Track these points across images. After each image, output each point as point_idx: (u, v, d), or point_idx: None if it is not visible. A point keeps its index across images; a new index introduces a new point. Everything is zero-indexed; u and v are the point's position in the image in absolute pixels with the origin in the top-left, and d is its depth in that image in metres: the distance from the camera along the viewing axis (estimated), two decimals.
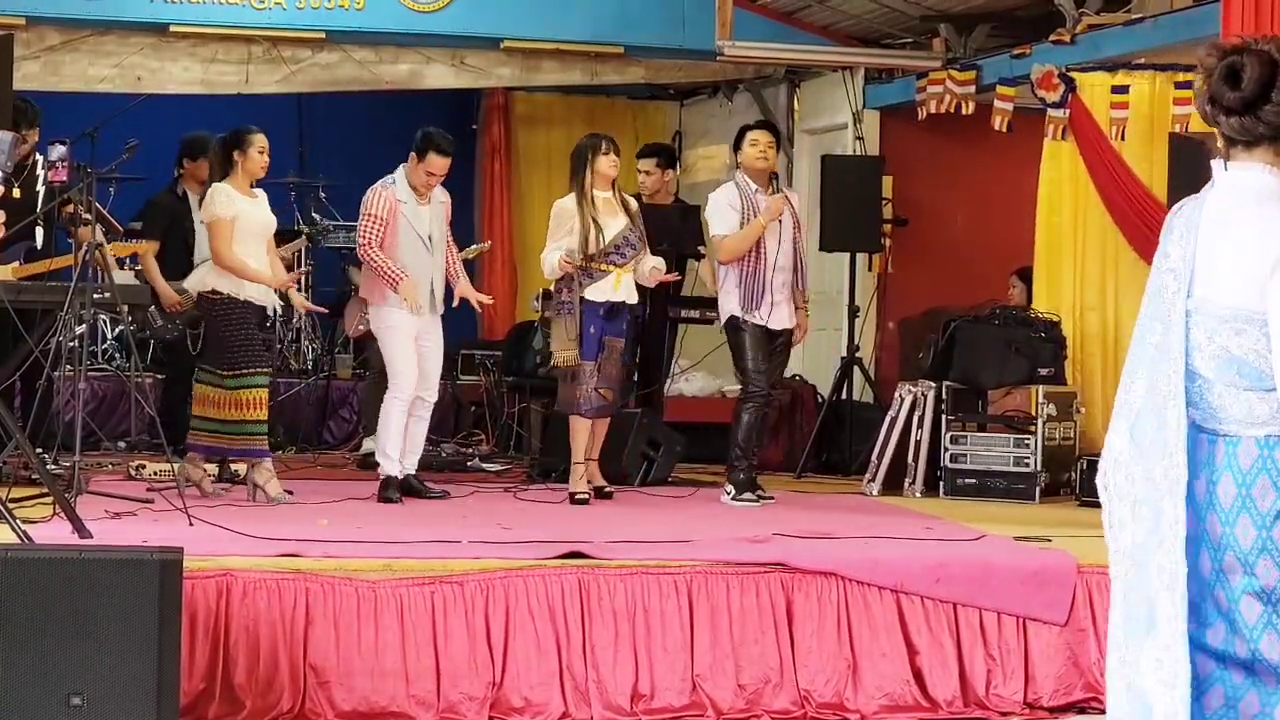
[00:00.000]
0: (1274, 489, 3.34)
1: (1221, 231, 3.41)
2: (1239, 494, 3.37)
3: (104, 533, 6.61)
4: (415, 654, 6.05)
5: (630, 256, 8.74)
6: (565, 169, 9.16)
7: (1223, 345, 3.37)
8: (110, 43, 11.06)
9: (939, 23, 11.68)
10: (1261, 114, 3.36)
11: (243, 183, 8.41)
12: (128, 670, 5.27)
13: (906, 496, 9.57)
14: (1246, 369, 3.34)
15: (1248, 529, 3.36)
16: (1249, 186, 3.41)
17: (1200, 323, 3.40)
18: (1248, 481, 3.37)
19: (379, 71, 11.56)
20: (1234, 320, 3.35)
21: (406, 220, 8.55)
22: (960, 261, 11.81)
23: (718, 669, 6.30)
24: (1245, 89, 3.37)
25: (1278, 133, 3.39)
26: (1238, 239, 3.37)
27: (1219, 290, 3.38)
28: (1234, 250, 3.37)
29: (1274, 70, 3.35)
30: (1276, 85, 3.36)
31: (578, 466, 8.77)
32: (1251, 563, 3.36)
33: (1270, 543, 3.34)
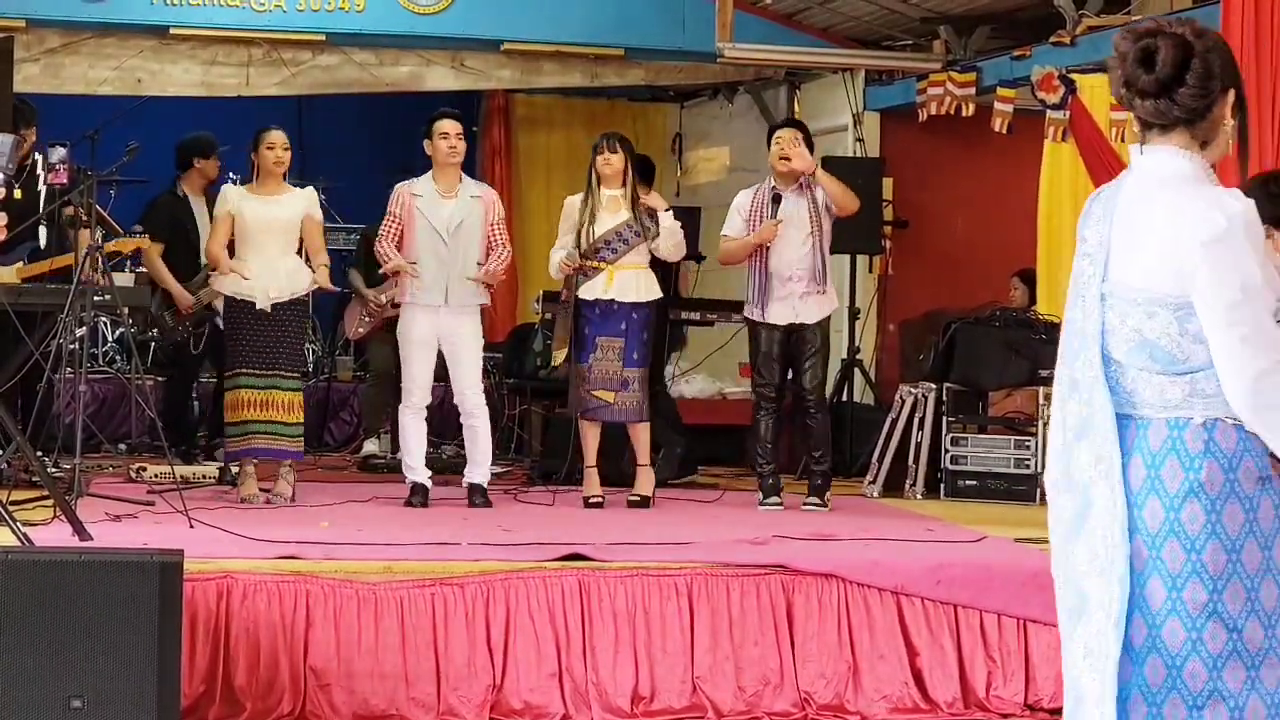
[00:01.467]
0: (1183, 470, 3.31)
1: (1136, 215, 3.39)
2: (1148, 475, 3.34)
3: (104, 535, 6.61)
4: (415, 656, 6.05)
5: (622, 253, 8.65)
6: (565, 171, 9.20)
7: (1135, 328, 3.35)
8: (110, 45, 11.05)
9: (939, 24, 11.68)
10: (1176, 97, 3.34)
11: (262, 181, 8.49)
12: (128, 673, 5.27)
13: (907, 498, 9.57)
14: (1158, 352, 3.33)
15: (1156, 511, 3.33)
16: (1164, 171, 3.39)
17: (1114, 306, 3.39)
18: (1156, 463, 3.34)
19: (379, 74, 11.56)
20: (1146, 304, 3.33)
21: (422, 215, 8.51)
22: (960, 263, 11.81)
23: (718, 671, 6.30)
24: (1159, 71, 3.35)
25: (1193, 115, 3.36)
26: (1151, 223, 3.35)
27: (1132, 274, 3.37)
28: (1147, 234, 3.36)
29: (1188, 53, 3.33)
30: (1190, 68, 3.33)
31: (589, 470, 8.73)
32: (1159, 546, 3.32)
33: (1178, 525, 3.30)
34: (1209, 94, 3.36)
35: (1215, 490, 3.29)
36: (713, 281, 11.48)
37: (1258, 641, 3.29)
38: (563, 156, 14.48)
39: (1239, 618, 3.28)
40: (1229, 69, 3.39)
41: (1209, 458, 3.30)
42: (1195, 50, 3.34)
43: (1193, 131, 3.39)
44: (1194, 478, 3.30)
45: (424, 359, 8.53)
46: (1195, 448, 3.31)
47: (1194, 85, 3.35)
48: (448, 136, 8.53)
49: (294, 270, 8.47)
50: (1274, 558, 3.31)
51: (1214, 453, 3.30)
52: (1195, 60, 3.34)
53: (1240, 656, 3.29)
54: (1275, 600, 3.30)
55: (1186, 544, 3.30)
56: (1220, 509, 3.29)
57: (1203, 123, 3.39)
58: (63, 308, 7.73)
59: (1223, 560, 3.28)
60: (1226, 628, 3.28)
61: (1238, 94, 3.41)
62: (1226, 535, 3.29)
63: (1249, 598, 3.29)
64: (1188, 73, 3.35)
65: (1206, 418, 3.31)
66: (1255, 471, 3.30)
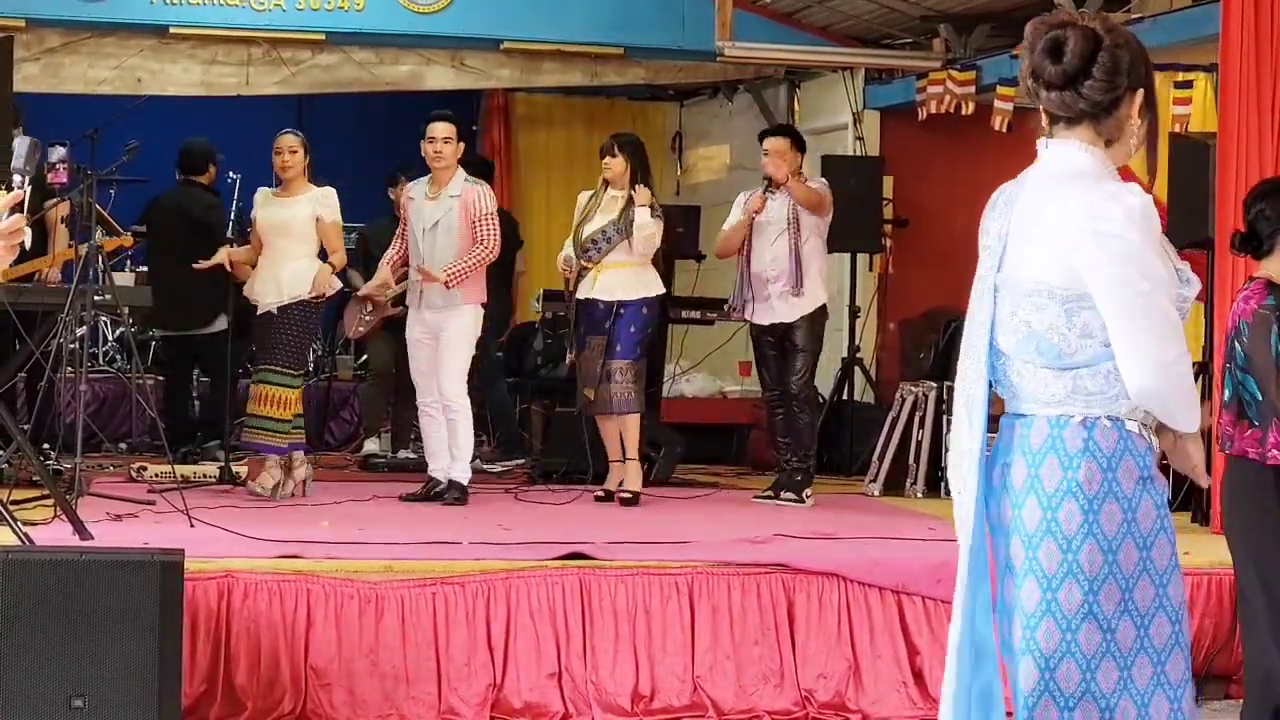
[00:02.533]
0: (1061, 470, 3.28)
1: (1032, 208, 3.36)
2: (1029, 474, 3.33)
3: (105, 534, 6.61)
4: (416, 655, 6.05)
5: (605, 252, 8.70)
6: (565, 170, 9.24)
7: (1024, 320, 3.33)
8: (110, 44, 11.05)
9: (939, 23, 11.68)
10: (1082, 89, 3.31)
11: (280, 184, 8.72)
12: (129, 672, 5.28)
13: (908, 497, 9.58)
14: (1045, 345, 3.31)
15: (1034, 511, 3.31)
16: (1065, 165, 3.36)
17: (1005, 298, 3.37)
18: (1036, 462, 3.31)
19: (379, 73, 11.55)
20: (1036, 295, 3.31)
21: (413, 215, 8.67)
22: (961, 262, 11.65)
23: (718, 670, 6.30)
24: (1066, 63, 3.31)
25: (1097, 110, 3.33)
26: (1045, 216, 3.33)
27: (1024, 266, 3.34)
28: (1040, 226, 3.33)
29: (1096, 46, 3.30)
30: (1097, 61, 3.30)
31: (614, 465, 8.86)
32: (1036, 546, 3.30)
33: (1055, 525, 3.28)
34: (1115, 89, 3.32)
35: (1093, 489, 3.27)
36: (713, 281, 11.47)
37: (1130, 641, 3.27)
38: (563, 155, 14.49)
39: (1113, 618, 3.26)
40: (1138, 68, 3.35)
41: (1087, 456, 3.28)
42: (1104, 44, 3.31)
43: (1097, 127, 3.35)
44: (1072, 477, 3.28)
45: (420, 358, 8.59)
46: (1074, 446, 3.29)
47: (1099, 79, 3.31)
48: (434, 140, 8.57)
49: (295, 275, 8.47)
50: (1152, 558, 3.29)
51: (1093, 451, 3.28)
52: (1103, 54, 3.31)
53: (1113, 657, 3.27)
54: (1150, 600, 3.28)
55: (1063, 544, 3.28)
56: (1098, 509, 3.27)
57: (1108, 119, 3.35)
58: (63, 307, 7.73)
59: (1099, 561, 3.26)
60: (1101, 628, 3.27)
61: (1147, 95, 3.37)
62: (1103, 535, 3.26)
63: (1123, 597, 3.27)
64: (1094, 66, 3.31)
65: (1087, 416, 3.29)
66: (1136, 471, 3.28)
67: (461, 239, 8.51)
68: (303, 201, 8.54)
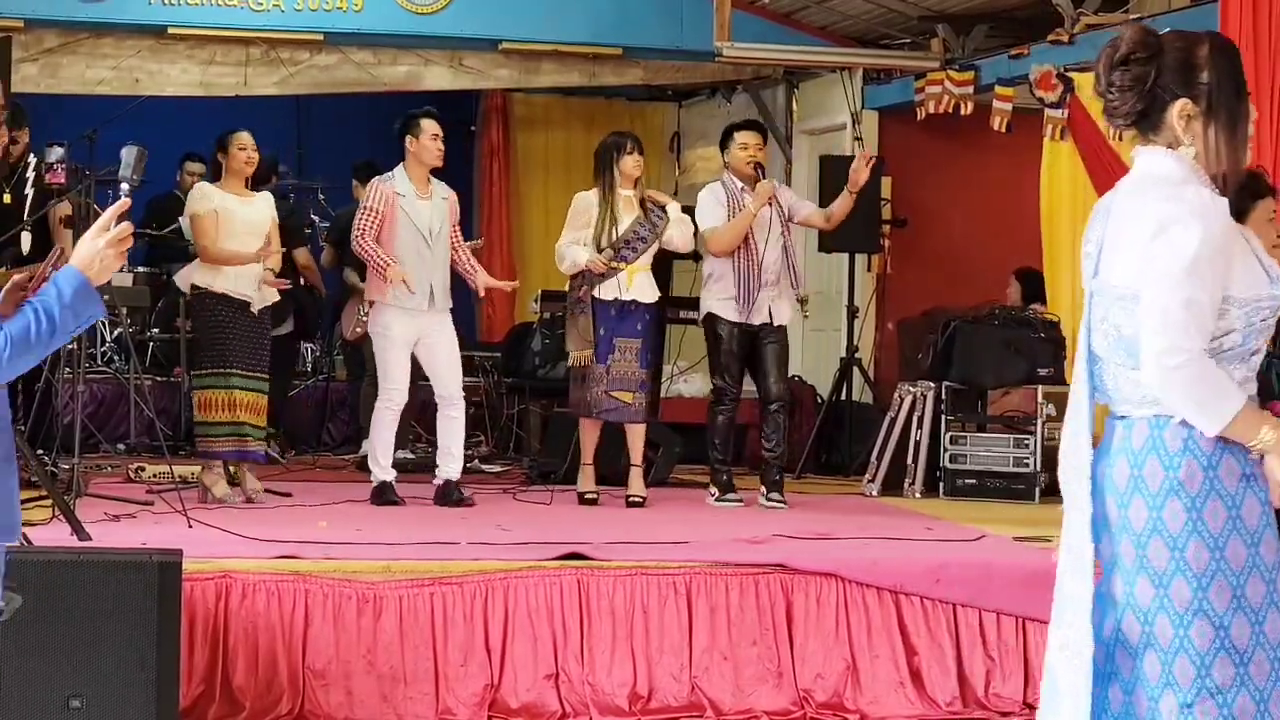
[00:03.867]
0: (1163, 469, 3.32)
1: (1121, 214, 3.44)
2: (1131, 475, 3.37)
3: (103, 535, 6.61)
4: (413, 655, 6.05)
5: (640, 251, 8.69)
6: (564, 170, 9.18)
7: (1114, 324, 3.40)
8: (108, 45, 11.05)
9: (937, 23, 11.68)
10: (1111, 106, 3.43)
11: (232, 182, 8.38)
12: (127, 672, 5.28)
13: (906, 497, 9.57)
14: (1134, 348, 3.36)
15: (1140, 510, 3.35)
16: (1149, 171, 3.44)
17: (1099, 303, 3.45)
18: (1139, 462, 3.36)
19: (377, 73, 11.56)
20: (1122, 299, 3.38)
21: (405, 214, 8.42)
22: (959, 262, 11.81)
23: (716, 670, 6.30)
24: (1099, 85, 3.43)
25: (1133, 120, 3.43)
26: (1128, 220, 3.40)
27: (1113, 271, 3.42)
28: (1124, 231, 3.40)
29: (1117, 62, 3.40)
30: (1114, 79, 3.40)
31: (586, 467, 8.76)
32: (1144, 545, 3.34)
33: (1160, 523, 3.32)
34: (1138, 102, 3.40)
35: (1195, 488, 3.30)
36: None
37: (1245, 638, 3.29)
38: (561, 156, 14.49)
39: (1225, 614, 3.29)
40: (1188, 76, 3.40)
41: (1188, 456, 3.31)
42: (1130, 58, 3.38)
43: (1171, 134, 3.42)
44: (1173, 476, 3.32)
45: (406, 360, 8.46)
46: (1174, 446, 3.33)
47: (1116, 96, 3.41)
48: (438, 138, 8.51)
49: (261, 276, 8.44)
50: (1260, 554, 3.31)
51: (1193, 451, 3.31)
52: (1119, 71, 3.39)
53: (1228, 653, 3.29)
54: (1262, 596, 3.31)
55: (1169, 542, 3.32)
56: (1201, 506, 3.30)
57: (1162, 128, 3.42)
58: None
59: (1205, 557, 3.29)
60: (1213, 624, 3.29)
61: (1213, 100, 3.40)
62: (1208, 533, 3.30)
63: (1235, 595, 3.29)
64: (1113, 84, 3.40)
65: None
66: (1237, 469, 3.31)
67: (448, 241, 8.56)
68: (264, 202, 8.50)
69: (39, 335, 3.40)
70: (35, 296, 3.45)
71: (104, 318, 3.15)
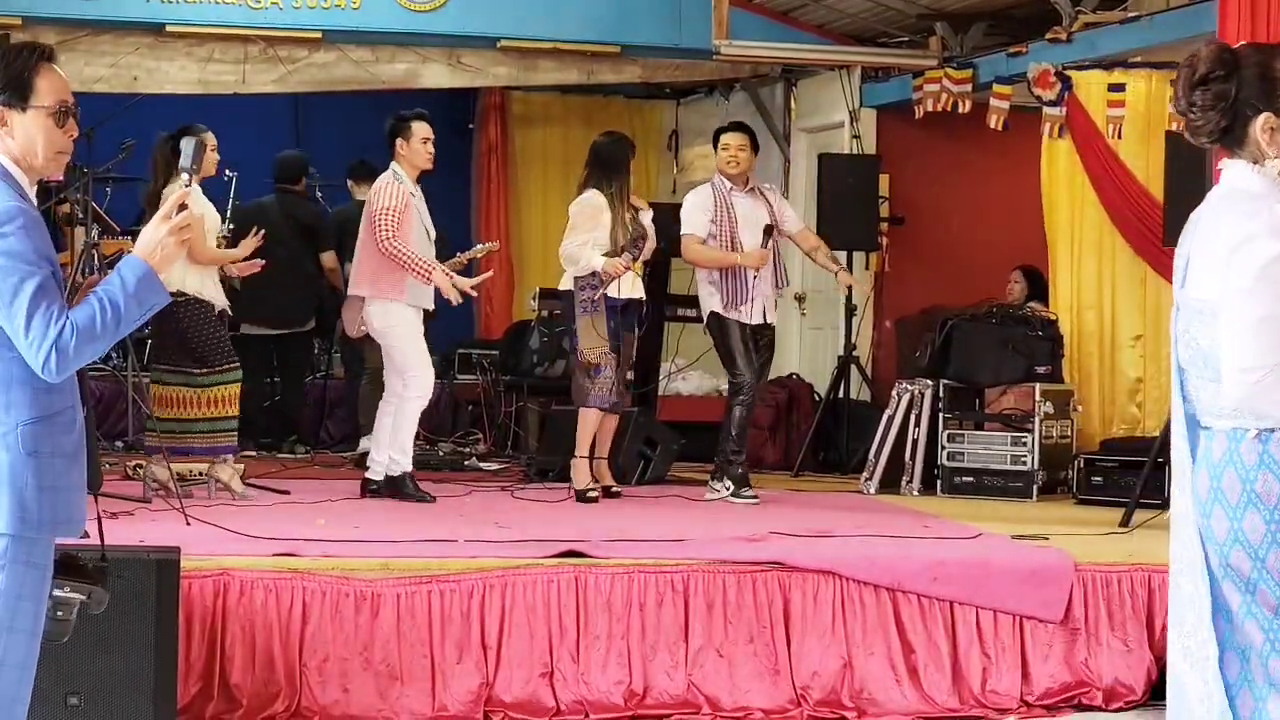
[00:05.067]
0: (1240, 482, 3.39)
1: (1205, 228, 3.48)
2: (1211, 486, 3.44)
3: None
4: (411, 653, 6.05)
5: (642, 249, 8.86)
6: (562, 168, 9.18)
7: (1194, 337, 3.45)
8: (106, 43, 11.05)
9: (935, 21, 11.69)
10: (1193, 125, 3.48)
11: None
12: (125, 670, 5.28)
13: (904, 495, 9.58)
14: (1213, 360, 3.40)
15: (1221, 520, 3.43)
16: (1231, 186, 3.49)
17: (1182, 316, 3.52)
18: (1218, 474, 3.43)
19: (375, 71, 11.55)
20: (1202, 313, 3.43)
21: (416, 213, 8.48)
22: (957, 260, 11.81)
23: (713, 667, 6.30)
24: (1177, 105, 3.49)
25: (1211, 138, 3.48)
26: (1207, 234, 3.45)
27: (1195, 284, 3.47)
28: (1206, 245, 3.45)
29: (1197, 81, 3.44)
30: (1195, 98, 3.46)
31: (581, 461, 8.79)
32: (1227, 553, 3.42)
33: (1240, 534, 3.39)
34: (1220, 119, 3.44)
35: (1273, 501, 3.38)
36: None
37: None
38: (559, 154, 14.48)
39: None
40: (1259, 93, 3.43)
41: (1264, 470, 3.39)
42: (1210, 76, 3.41)
43: (1252, 149, 3.46)
44: (1250, 489, 3.39)
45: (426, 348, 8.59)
46: (1250, 460, 3.40)
47: (1197, 114, 3.46)
48: (428, 141, 8.53)
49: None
50: None
51: (1269, 465, 3.39)
52: (1199, 90, 3.41)
53: None
54: None
55: (1250, 552, 3.40)
56: (1279, 519, 3.38)
57: (1246, 143, 3.46)
58: None
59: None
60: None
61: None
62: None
63: None
64: (1194, 104, 3.45)
65: (1261, 429, 3.39)
66: None
67: None
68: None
69: (104, 324, 3.46)
70: (100, 286, 3.49)
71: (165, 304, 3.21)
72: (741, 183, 8.98)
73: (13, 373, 3.51)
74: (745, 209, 8.92)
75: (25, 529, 3.53)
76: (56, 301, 3.46)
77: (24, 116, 3.58)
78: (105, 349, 3.58)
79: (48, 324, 3.42)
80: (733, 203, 8.89)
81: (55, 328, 3.42)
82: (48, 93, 3.59)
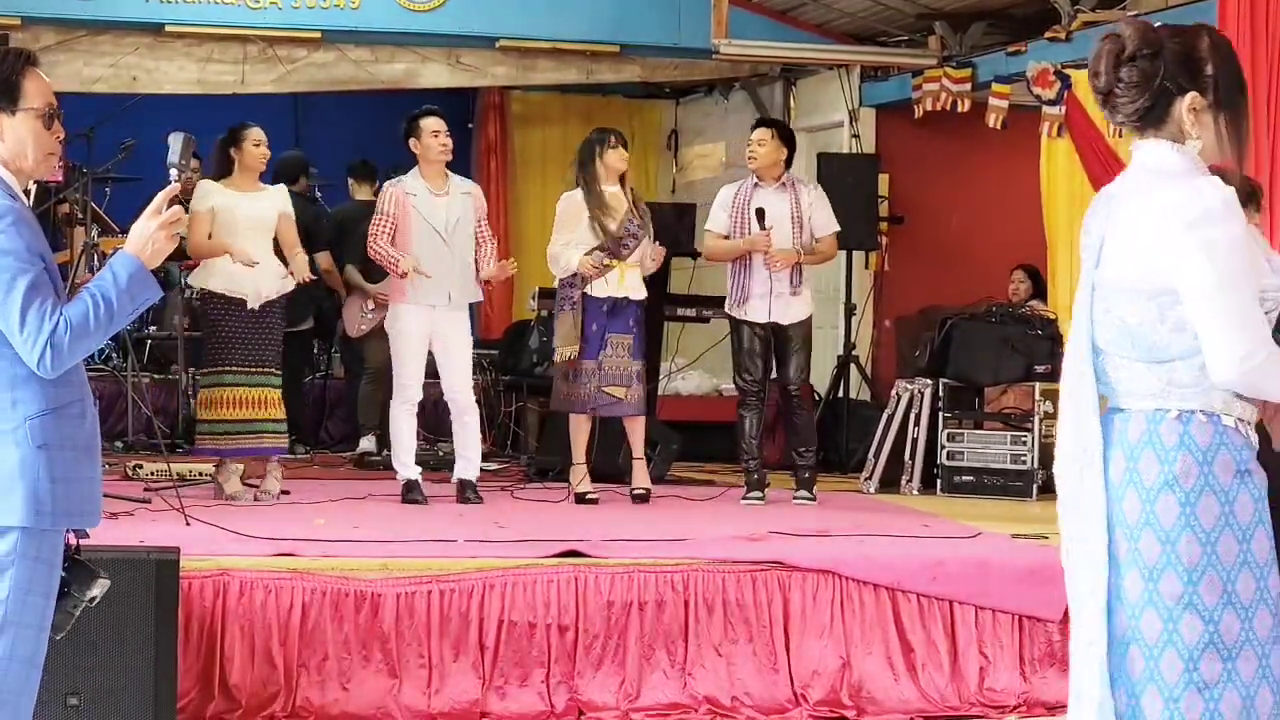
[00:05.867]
0: (1158, 463, 3.33)
1: (1126, 207, 3.43)
2: (1127, 468, 3.37)
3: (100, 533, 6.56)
4: (410, 653, 6.05)
5: (633, 249, 8.65)
6: (561, 168, 9.14)
7: (1119, 316, 3.40)
8: (105, 43, 11.04)
9: (934, 20, 11.69)
10: (1115, 104, 3.41)
11: (242, 178, 8.37)
12: (125, 670, 5.28)
13: (903, 494, 9.58)
14: (1139, 340, 3.36)
15: (1134, 504, 3.35)
16: (1153, 163, 3.42)
17: (1102, 295, 3.44)
18: (1135, 455, 3.36)
19: (375, 71, 11.55)
20: (1129, 291, 3.37)
21: (419, 213, 8.43)
22: (956, 259, 11.81)
23: (713, 666, 6.30)
24: (1101, 81, 3.39)
25: (1137, 119, 3.41)
26: (1135, 213, 3.39)
27: (1118, 263, 3.41)
28: (1132, 224, 3.39)
29: (1124, 59, 3.37)
30: (1122, 75, 3.37)
31: (578, 466, 8.73)
32: (1136, 538, 3.35)
33: (1153, 517, 3.32)
34: (1145, 99, 3.37)
35: (1190, 483, 3.31)
36: (708, 277, 11.47)
37: (1234, 634, 3.30)
38: (558, 153, 14.46)
39: (1215, 609, 3.29)
40: (1192, 69, 3.38)
41: (1183, 450, 3.32)
42: (1137, 54, 3.36)
43: (1163, 131, 3.40)
44: (1168, 470, 3.32)
45: (420, 356, 8.48)
46: (1170, 440, 3.33)
47: (1123, 92, 3.38)
48: (439, 134, 8.51)
49: (278, 268, 8.40)
50: (1252, 550, 3.32)
51: (1189, 446, 3.32)
52: (1126, 68, 3.37)
53: (1216, 648, 3.30)
54: (1253, 592, 3.31)
55: (1161, 536, 3.32)
56: (1195, 501, 3.30)
57: (1167, 123, 3.39)
58: None
59: (1197, 552, 3.29)
60: (1202, 619, 3.29)
61: (1219, 93, 3.39)
62: (1201, 528, 3.30)
63: (1225, 590, 3.30)
64: (1119, 81, 3.38)
65: (1182, 410, 3.33)
66: (1232, 465, 3.32)
67: (472, 238, 8.53)
68: (272, 196, 8.47)
69: (98, 320, 3.50)
70: (92, 282, 3.52)
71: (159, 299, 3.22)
72: (769, 177, 8.88)
73: (16, 370, 3.53)
74: (765, 203, 8.77)
75: (40, 521, 3.56)
76: (50, 298, 3.50)
77: (13, 120, 3.64)
78: (100, 344, 3.61)
79: (42, 320, 3.46)
80: (752, 198, 8.83)
81: (50, 323, 3.47)
82: (35, 95, 3.66)
